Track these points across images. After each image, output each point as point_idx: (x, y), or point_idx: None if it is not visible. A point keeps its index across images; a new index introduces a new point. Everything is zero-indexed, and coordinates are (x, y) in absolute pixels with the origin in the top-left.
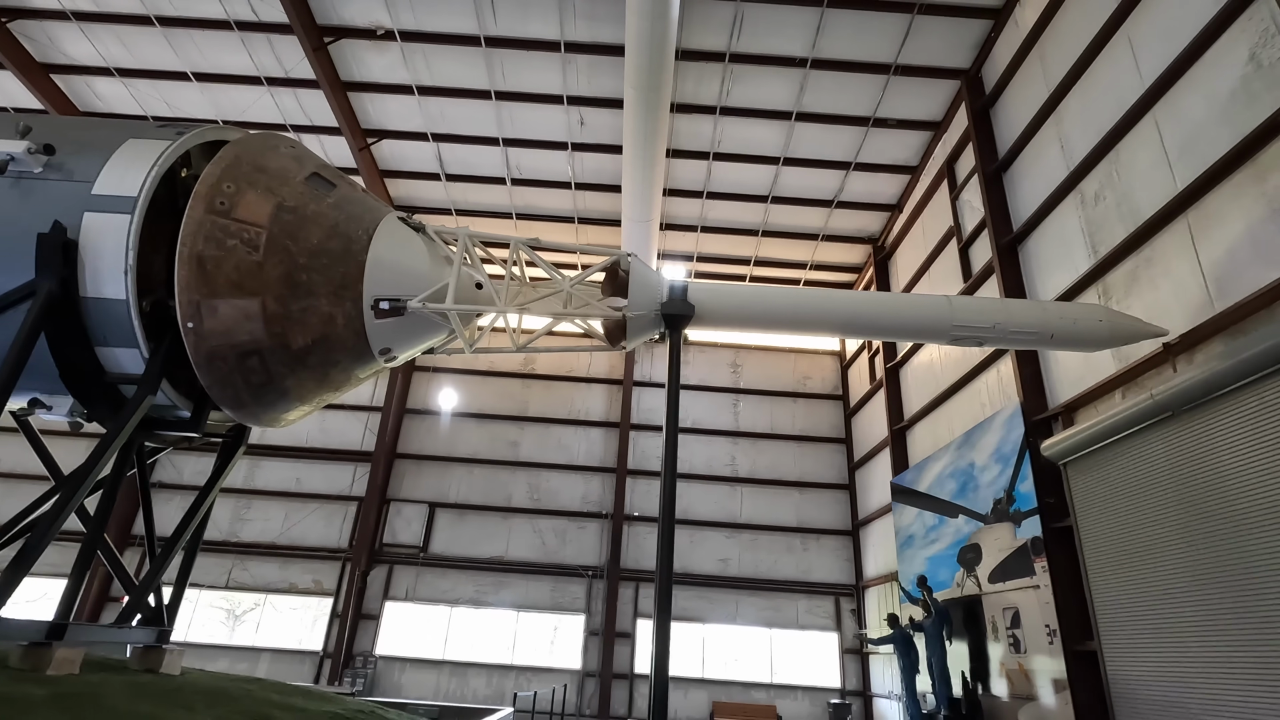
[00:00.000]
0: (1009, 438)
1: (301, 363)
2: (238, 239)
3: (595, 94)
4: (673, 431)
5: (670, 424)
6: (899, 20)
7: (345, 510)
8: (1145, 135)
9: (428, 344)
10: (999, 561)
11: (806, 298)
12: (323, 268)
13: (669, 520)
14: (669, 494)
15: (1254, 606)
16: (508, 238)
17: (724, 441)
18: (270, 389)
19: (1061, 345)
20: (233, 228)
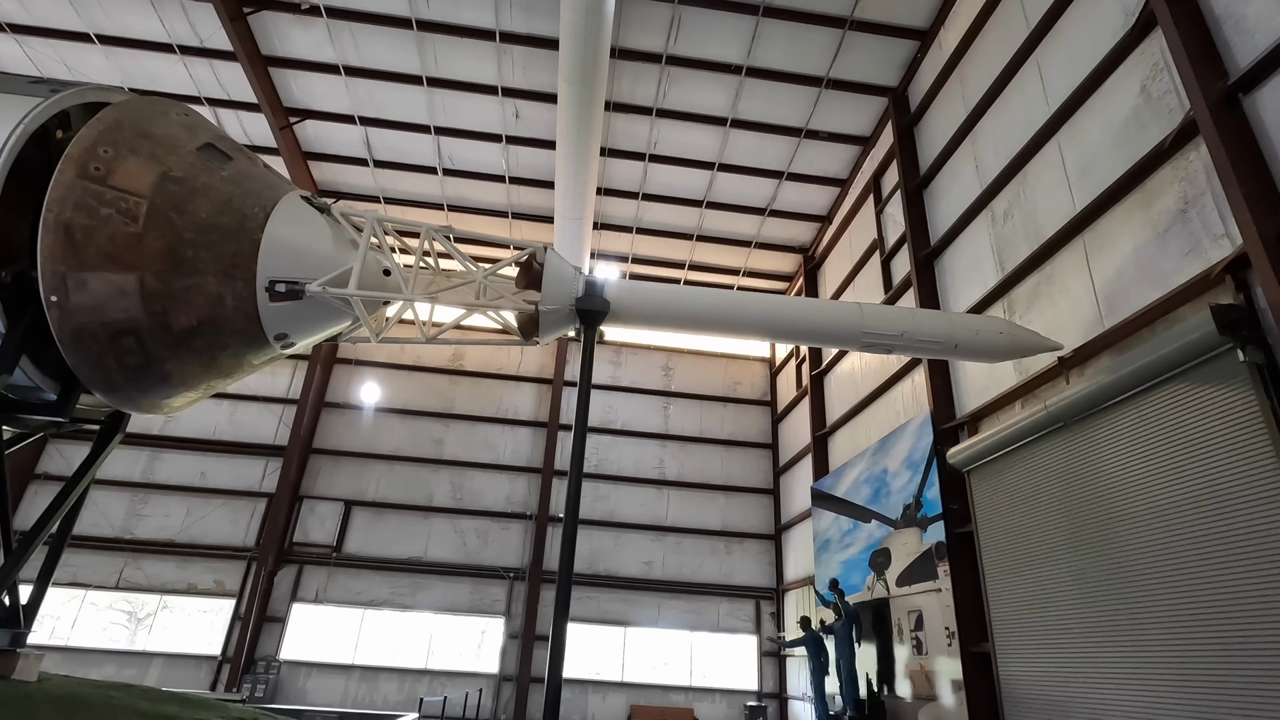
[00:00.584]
0: (919, 445)
1: (185, 345)
2: (114, 208)
3: (531, 87)
4: (581, 430)
5: (580, 422)
6: (831, 35)
7: (254, 507)
8: (1050, 158)
9: (330, 331)
10: (906, 565)
11: (723, 300)
12: (211, 244)
13: (572, 520)
14: (574, 493)
15: (1128, 610)
16: (420, 224)
17: (653, 444)
18: (149, 372)
19: (965, 355)
20: (108, 195)
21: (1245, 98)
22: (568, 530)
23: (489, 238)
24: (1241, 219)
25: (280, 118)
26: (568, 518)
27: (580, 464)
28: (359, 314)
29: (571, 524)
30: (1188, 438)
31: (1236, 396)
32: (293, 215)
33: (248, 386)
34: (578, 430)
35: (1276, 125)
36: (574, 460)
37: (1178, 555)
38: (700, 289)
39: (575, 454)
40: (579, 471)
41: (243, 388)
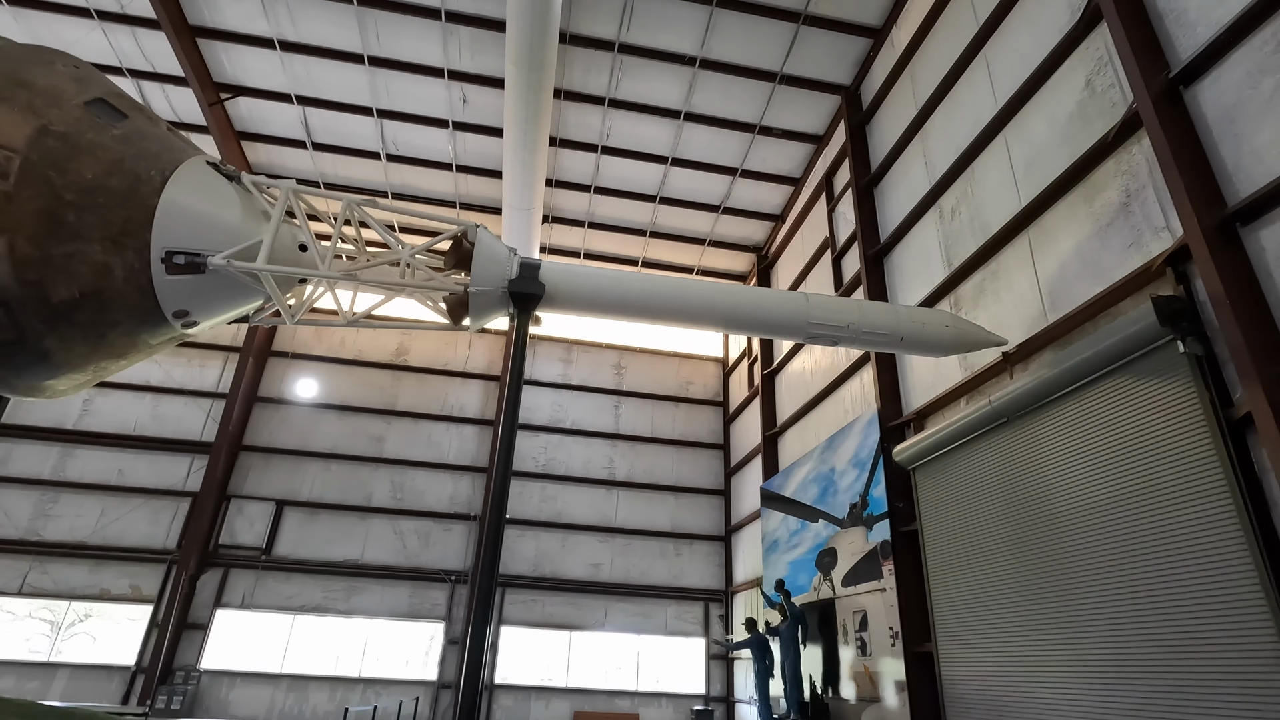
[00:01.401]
0: (866, 443)
1: (66, 320)
2: None
3: (479, 70)
4: (511, 420)
5: (509, 415)
6: (785, 29)
7: (176, 507)
8: (997, 154)
9: (239, 311)
10: (852, 565)
11: (666, 286)
12: (98, 208)
13: (498, 522)
14: (500, 491)
15: (1069, 609)
16: (342, 196)
17: (603, 444)
18: (22, 349)
19: (911, 349)
20: None
21: (1186, 90)
22: (491, 525)
23: (417, 212)
24: (1183, 210)
25: (210, 93)
26: (493, 512)
27: (509, 456)
28: (270, 292)
29: (497, 521)
30: (1128, 431)
31: (1176, 389)
32: (196, 181)
33: (173, 379)
34: (507, 417)
35: (1216, 117)
36: (502, 450)
37: (1118, 551)
38: (643, 273)
39: (504, 444)
40: (507, 466)
41: (168, 379)
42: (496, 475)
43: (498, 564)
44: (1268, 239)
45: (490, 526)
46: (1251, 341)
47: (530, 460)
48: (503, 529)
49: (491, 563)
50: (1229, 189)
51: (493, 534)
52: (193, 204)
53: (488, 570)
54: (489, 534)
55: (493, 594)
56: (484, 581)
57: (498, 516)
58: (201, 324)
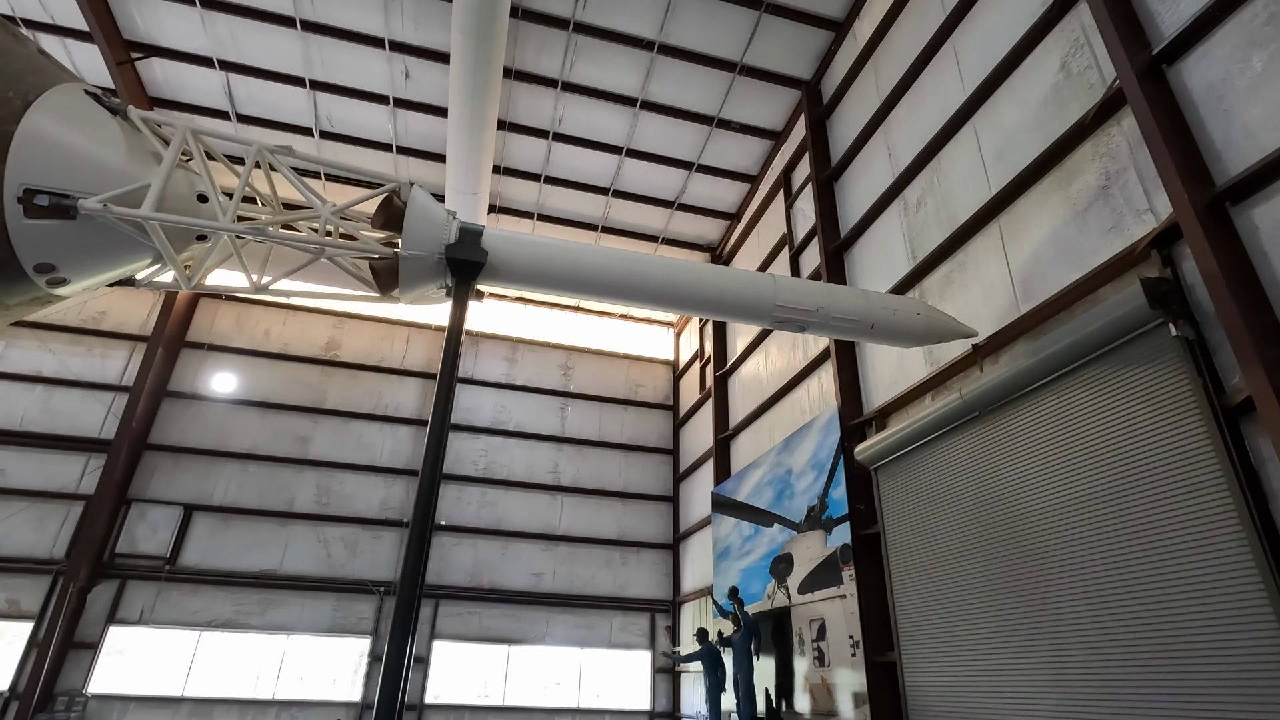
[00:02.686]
0: (825, 443)
1: None
2: None
3: (423, 44)
4: (443, 409)
5: (441, 404)
6: (747, 17)
7: (67, 511)
8: (965, 143)
9: (121, 270)
10: (809, 571)
11: (622, 261)
12: None
13: (424, 519)
14: (426, 494)
15: (1046, 613)
16: (251, 141)
17: (548, 447)
18: None
19: (880, 337)
20: None
21: (1170, 68)
22: (417, 523)
23: (342, 166)
24: (1171, 190)
25: (118, 51)
26: (419, 507)
27: (438, 452)
28: (160, 248)
29: (424, 518)
30: (1112, 422)
31: (1166, 375)
32: (69, 110)
33: (69, 369)
34: (438, 407)
35: (1202, 94)
36: (429, 453)
37: (1101, 550)
38: (598, 246)
39: (432, 438)
40: (436, 465)
41: (63, 370)
42: (425, 467)
43: (424, 566)
44: (1260, 217)
45: (416, 524)
46: (1250, 323)
47: (470, 464)
48: (430, 527)
49: (416, 564)
50: (1217, 167)
51: (418, 533)
52: (63, 136)
53: (411, 573)
54: (414, 533)
55: (417, 601)
56: (406, 587)
57: (425, 513)
58: (74, 284)
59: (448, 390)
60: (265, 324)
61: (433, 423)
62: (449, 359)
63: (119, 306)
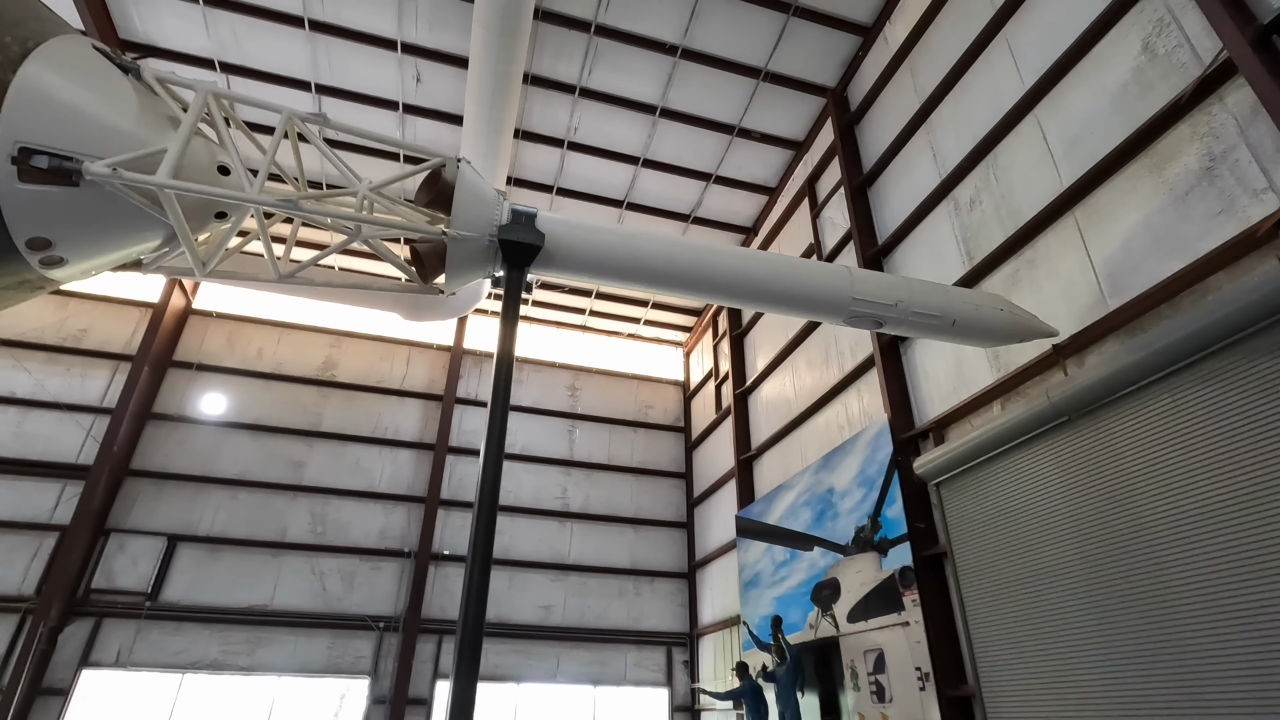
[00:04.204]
0: (874, 459)
1: None
2: None
3: (436, 46)
4: (500, 420)
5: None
6: (774, 20)
7: (39, 543)
8: (1027, 136)
9: (126, 251)
10: (861, 597)
11: (686, 251)
12: None
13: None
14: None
15: (1168, 637)
16: (281, 108)
17: (556, 471)
18: None
19: (961, 335)
20: None
21: None
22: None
23: (382, 139)
24: None
25: (114, 51)
26: (479, 531)
27: (498, 455)
28: (174, 223)
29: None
30: (1244, 420)
31: None
32: (73, 63)
33: (46, 390)
34: (493, 428)
35: None
36: (488, 454)
37: (1239, 566)
38: (659, 235)
39: (489, 453)
40: (496, 466)
41: (38, 391)
42: (485, 484)
43: (486, 594)
44: None
45: (477, 558)
46: None
47: (473, 490)
48: (489, 554)
49: (481, 589)
50: None
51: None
52: (66, 91)
53: (475, 603)
54: (474, 566)
55: (479, 641)
56: (470, 620)
57: (485, 538)
58: (72, 264)
59: (503, 398)
60: (258, 342)
61: (489, 442)
62: (503, 361)
63: (102, 324)
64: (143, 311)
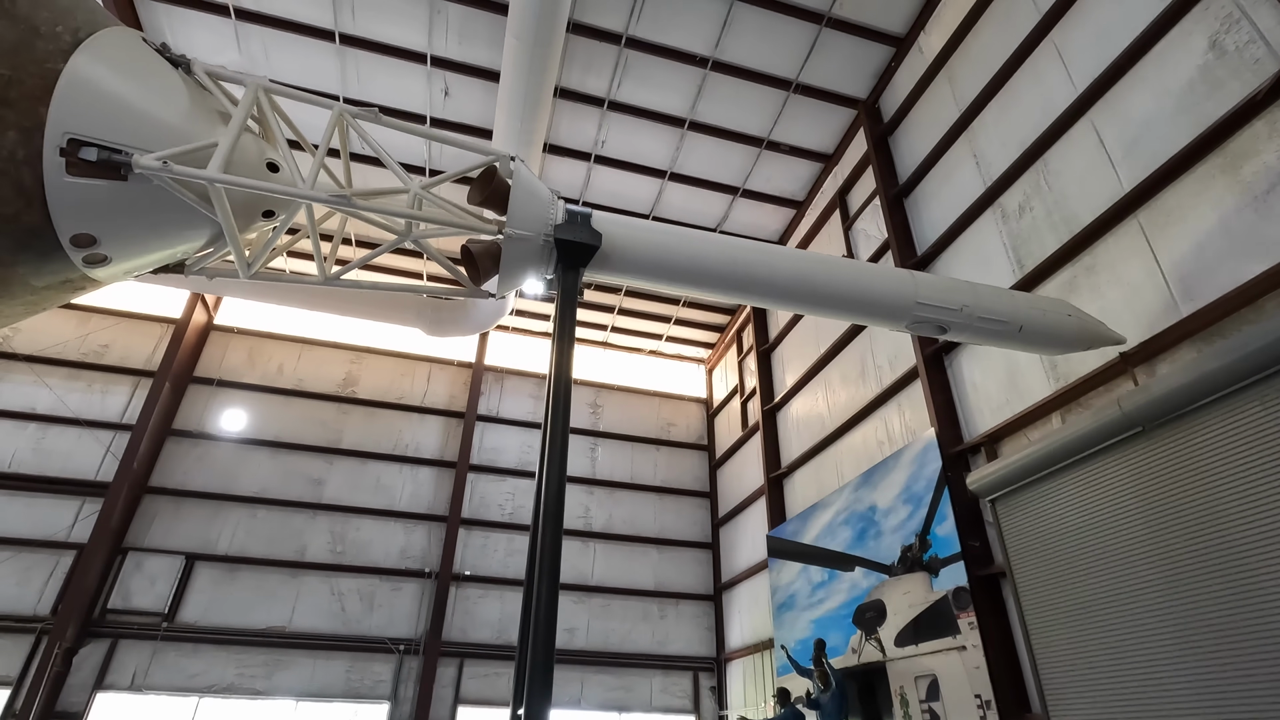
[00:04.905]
0: (921, 474)
1: None
2: None
3: (466, 60)
4: (562, 416)
5: (559, 405)
6: (807, 31)
7: (56, 562)
8: (1081, 140)
9: (170, 250)
10: (910, 620)
11: (747, 251)
12: None
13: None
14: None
15: (1263, 664)
16: (331, 104)
17: (578, 490)
18: None
19: (1026, 341)
20: None
21: None
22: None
23: (438, 137)
24: None
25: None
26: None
27: (564, 440)
28: (222, 221)
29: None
30: None
31: None
32: (124, 56)
33: (66, 405)
34: (555, 419)
35: None
36: (552, 447)
37: None
38: (717, 236)
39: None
40: (561, 467)
41: (59, 407)
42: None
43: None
44: None
45: (545, 575)
46: None
47: (495, 508)
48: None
49: (550, 629)
50: None
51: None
52: (116, 82)
53: (544, 626)
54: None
55: (551, 665)
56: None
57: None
58: (115, 264)
59: (564, 408)
60: (279, 358)
61: (551, 458)
62: (562, 371)
63: (123, 339)
64: (165, 327)
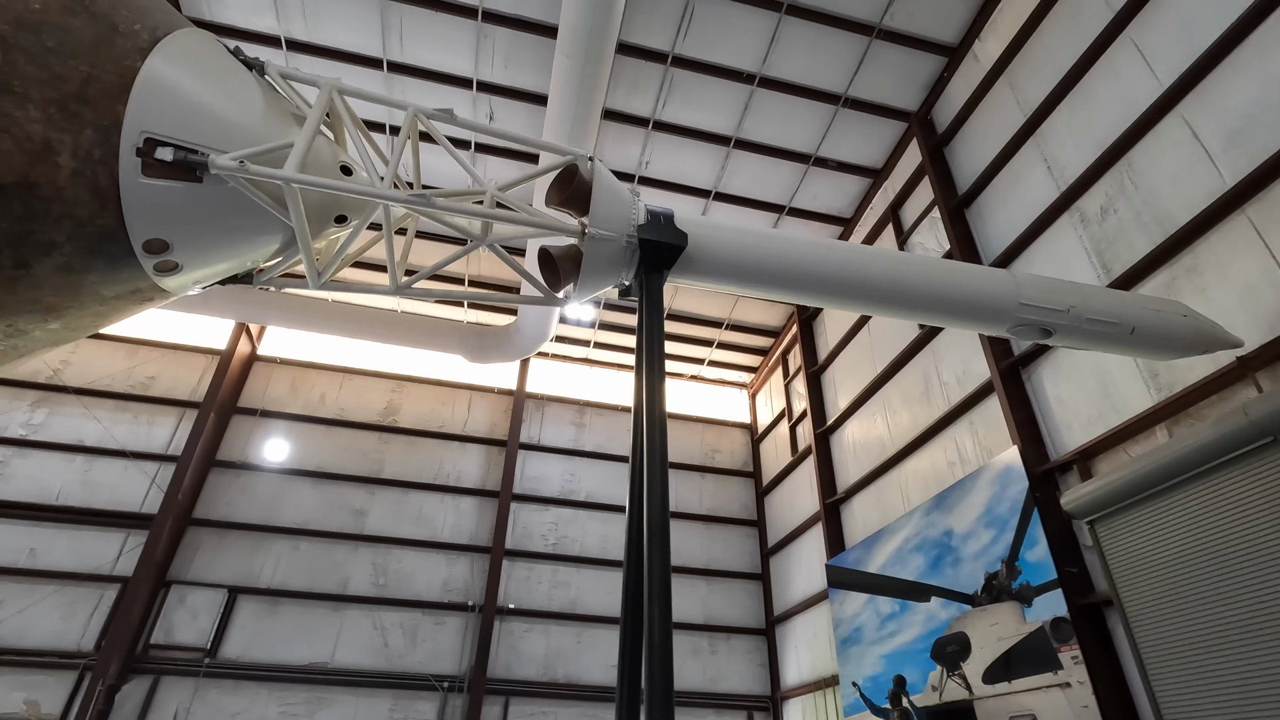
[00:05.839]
0: (1004, 496)
1: None
2: None
3: (511, 84)
4: (659, 429)
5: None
6: (856, 43)
7: (100, 595)
8: (1171, 135)
9: (241, 258)
10: (1000, 654)
11: (838, 251)
12: (44, 54)
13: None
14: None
15: None
16: (406, 104)
17: (622, 519)
18: None
19: (1138, 345)
20: None
21: None
22: (658, 625)
23: (507, 136)
24: None
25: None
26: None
27: (663, 456)
28: (296, 226)
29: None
30: None
31: None
32: (198, 56)
33: (114, 437)
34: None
35: None
36: (655, 455)
37: None
38: (804, 238)
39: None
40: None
41: (106, 439)
42: (647, 472)
43: (671, 656)
44: None
45: (657, 622)
46: None
47: (539, 538)
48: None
49: (663, 648)
50: None
51: (661, 629)
52: (191, 83)
53: (662, 665)
54: (658, 631)
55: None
56: (659, 677)
57: (662, 575)
58: (185, 273)
59: (659, 427)
60: (321, 388)
61: (651, 472)
62: (651, 374)
63: (169, 371)
64: (210, 358)
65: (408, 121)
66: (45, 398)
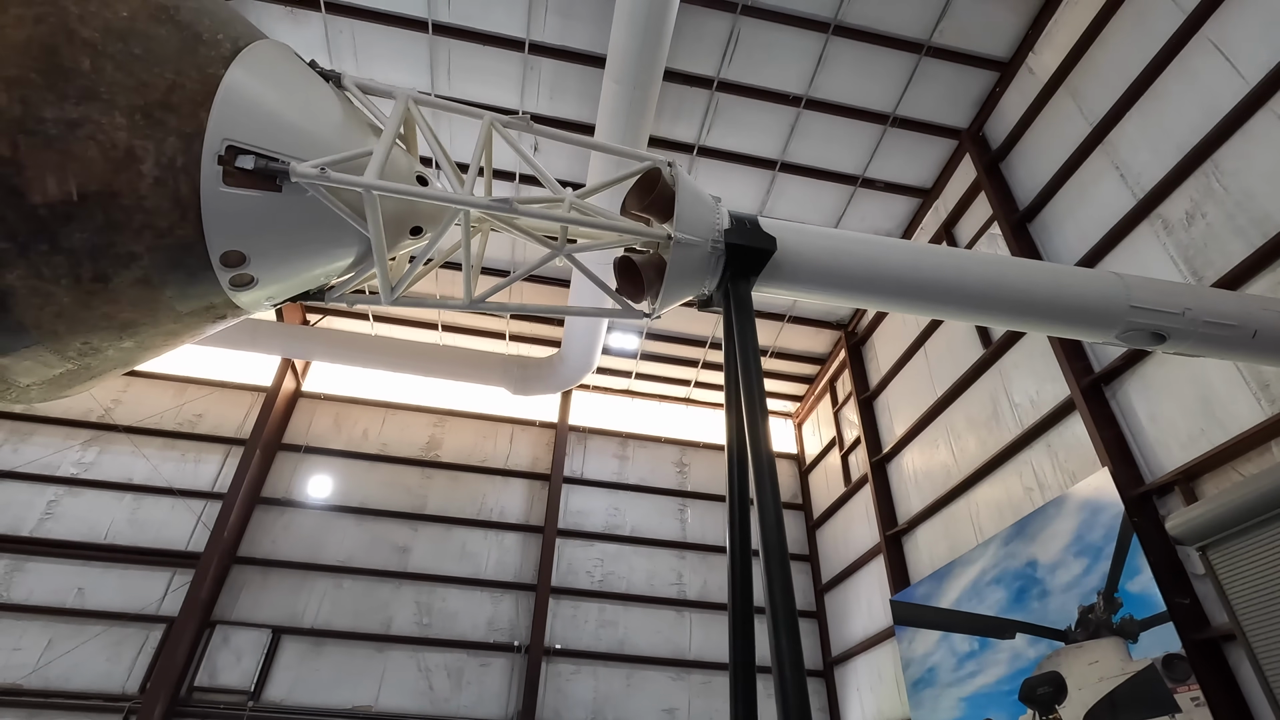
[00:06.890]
0: (1096, 521)
1: (49, 239)
2: None
3: (556, 114)
4: (760, 430)
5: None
6: (905, 62)
7: (145, 636)
8: (1263, 133)
9: (316, 271)
10: (1103, 696)
11: (932, 255)
12: (130, 60)
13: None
14: None
15: None
16: (482, 113)
17: (669, 554)
18: None
19: (1261, 350)
20: None
21: None
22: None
23: (593, 144)
24: None
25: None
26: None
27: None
28: (373, 235)
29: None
30: None
31: None
32: (277, 66)
33: (161, 475)
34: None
35: None
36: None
37: None
38: (897, 241)
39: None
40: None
41: (154, 476)
42: (771, 572)
43: None
44: None
45: (790, 673)
46: None
47: (584, 575)
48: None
49: None
50: None
51: (795, 679)
52: (271, 93)
53: None
54: (791, 681)
55: None
56: None
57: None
58: (260, 288)
59: (766, 445)
60: (364, 423)
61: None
62: (750, 391)
63: (216, 408)
64: (255, 396)
65: (484, 128)
66: (97, 436)
